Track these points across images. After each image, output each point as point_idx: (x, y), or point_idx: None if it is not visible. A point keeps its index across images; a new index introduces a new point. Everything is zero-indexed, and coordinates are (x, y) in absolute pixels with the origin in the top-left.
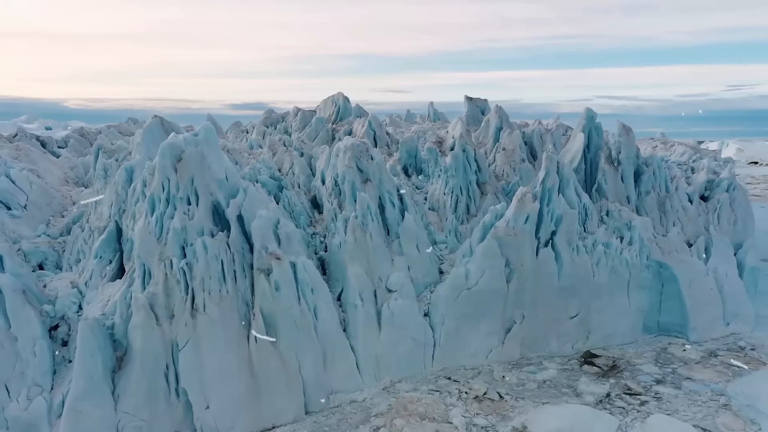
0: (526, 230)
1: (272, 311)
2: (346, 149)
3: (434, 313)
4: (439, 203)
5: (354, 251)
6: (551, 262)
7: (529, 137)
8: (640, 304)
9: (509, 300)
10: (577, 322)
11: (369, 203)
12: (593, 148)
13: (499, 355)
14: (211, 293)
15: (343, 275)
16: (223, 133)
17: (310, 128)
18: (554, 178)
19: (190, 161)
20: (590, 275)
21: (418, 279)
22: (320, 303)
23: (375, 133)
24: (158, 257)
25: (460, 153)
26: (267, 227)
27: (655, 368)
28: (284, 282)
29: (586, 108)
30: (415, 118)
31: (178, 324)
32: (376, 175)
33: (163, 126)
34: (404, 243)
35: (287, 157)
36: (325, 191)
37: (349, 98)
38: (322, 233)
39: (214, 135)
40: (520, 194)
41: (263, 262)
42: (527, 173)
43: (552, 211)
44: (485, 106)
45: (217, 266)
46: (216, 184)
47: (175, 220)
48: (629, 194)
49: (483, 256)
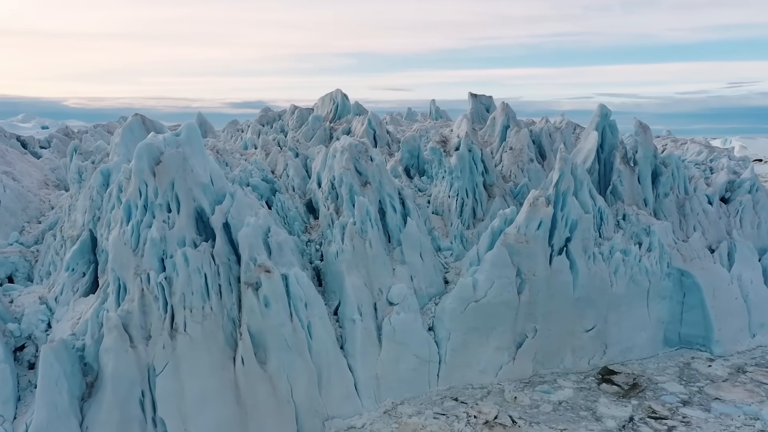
0: (539, 237)
1: (261, 330)
2: (344, 150)
3: (439, 327)
4: (443, 207)
5: (352, 261)
6: (566, 272)
7: (538, 136)
8: (660, 316)
9: (520, 312)
10: (593, 335)
11: (368, 208)
12: (607, 147)
13: (510, 373)
14: (193, 311)
15: (340, 287)
16: (214, 132)
17: (307, 127)
18: (569, 180)
19: (170, 164)
20: (607, 285)
21: (422, 290)
22: (315, 319)
23: (375, 132)
24: (134, 271)
25: (465, 153)
26: (256, 236)
27: (680, 387)
28: (274, 297)
29: (600, 104)
30: (416, 116)
31: (155, 346)
32: (376, 178)
33: (145, 125)
34: (406, 251)
35: (281, 158)
36: (321, 195)
37: (347, 95)
38: (318, 240)
39: (197, 135)
40: (532, 198)
41: (251, 275)
42: (536, 174)
43: (566, 216)
44: (490, 103)
45: (199, 280)
46: (199, 188)
47: (153, 229)
48: (646, 196)
49: (492, 265)
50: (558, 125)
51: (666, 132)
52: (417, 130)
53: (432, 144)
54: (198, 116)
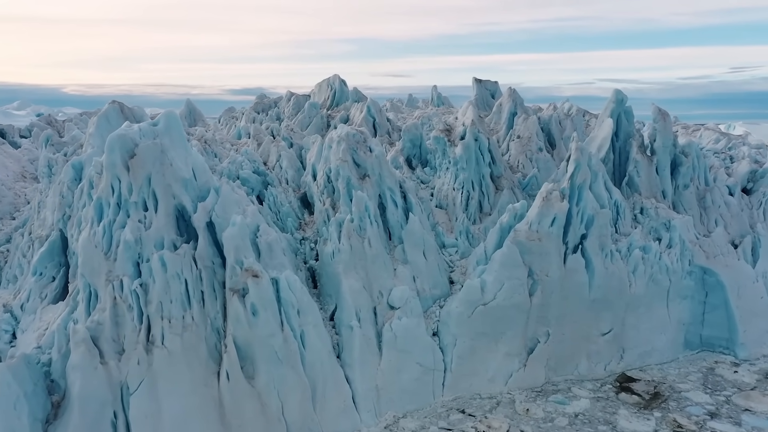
0: (552, 234)
1: (248, 341)
2: (340, 140)
3: (444, 332)
4: (447, 200)
5: (349, 261)
6: (581, 271)
7: (546, 123)
8: (681, 317)
9: (532, 316)
10: (610, 339)
11: (367, 203)
12: (623, 135)
13: (521, 381)
14: (172, 321)
15: (336, 290)
16: (204, 120)
17: (303, 114)
18: (585, 172)
19: (146, 157)
20: (626, 285)
21: (425, 291)
22: (308, 327)
23: (374, 120)
24: (106, 277)
25: (471, 142)
26: (242, 236)
27: (705, 396)
28: (263, 304)
29: (615, 90)
30: (417, 102)
31: (129, 361)
32: (376, 170)
33: (123, 113)
34: (409, 249)
35: (274, 148)
36: (316, 189)
37: (345, 81)
38: (313, 238)
39: (177, 124)
40: (544, 192)
41: (237, 280)
42: (545, 164)
43: (582, 211)
44: (495, 88)
45: (179, 287)
46: (180, 184)
47: (126, 230)
48: (665, 188)
49: (501, 265)
50: (568, 112)
51: (673, 118)
52: (419, 118)
53: (435, 133)
54: (186, 103)
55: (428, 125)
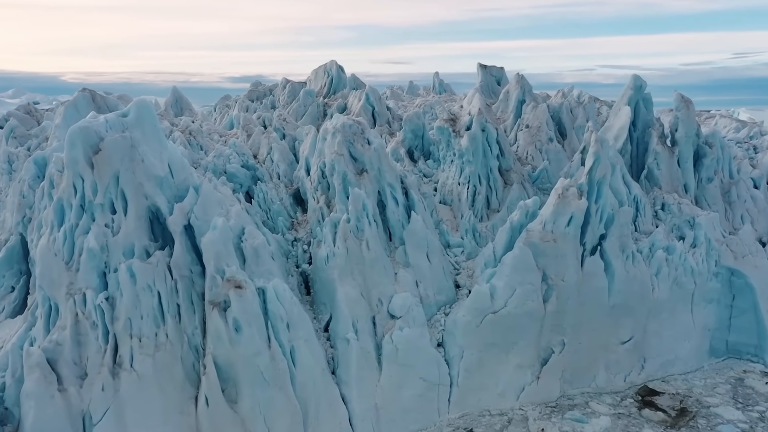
0: (569, 235)
1: (230, 361)
2: (336, 131)
3: (450, 343)
4: (452, 195)
5: (345, 266)
6: (600, 275)
7: (557, 112)
8: (706, 322)
9: (546, 324)
10: (630, 347)
11: (365, 201)
12: (641, 124)
13: (534, 395)
14: (142, 340)
15: (331, 298)
16: (192, 109)
17: (298, 103)
18: (605, 166)
19: (113, 152)
20: (648, 290)
21: (429, 298)
22: (299, 342)
23: (374, 109)
24: (67, 290)
25: (478, 133)
26: (224, 241)
27: (737, 412)
28: (247, 319)
29: (634, 75)
30: (418, 90)
31: (92, 387)
32: (374, 164)
33: (96, 102)
34: (411, 251)
35: (264, 140)
36: (309, 185)
37: (343, 67)
38: (306, 239)
39: (150, 115)
40: (560, 188)
41: (218, 292)
42: (556, 155)
43: (601, 209)
44: (501, 75)
45: (150, 300)
46: (153, 182)
47: (90, 236)
48: (687, 182)
49: (513, 269)
50: (579, 99)
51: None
52: (420, 106)
53: (439, 123)
54: (173, 91)
55: (431, 114)
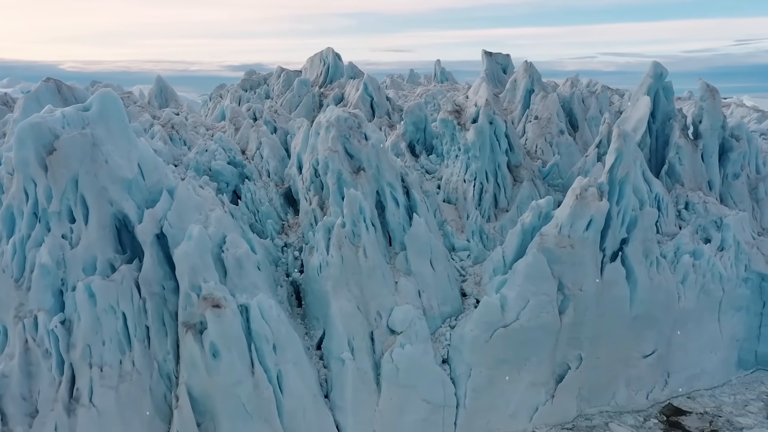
0: (588, 240)
1: (207, 391)
2: (330, 125)
3: (457, 360)
4: (457, 193)
5: (340, 277)
6: (621, 283)
7: (568, 102)
8: (735, 332)
9: (562, 338)
10: (653, 361)
11: (362, 203)
12: (661, 116)
13: (549, 415)
14: (104, 370)
15: (324, 313)
16: (177, 99)
17: (292, 93)
18: (628, 163)
19: (71, 152)
20: (674, 299)
21: (433, 309)
22: (287, 366)
23: (372, 99)
24: (15, 312)
25: (485, 126)
26: (201, 253)
27: None
28: (226, 342)
29: (654, 62)
30: (419, 78)
31: (43, 427)
32: (372, 162)
33: (61, 93)
34: (413, 257)
35: (254, 134)
36: (301, 184)
37: (340, 55)
38: (298, 245)
39: (116, 107)
40: (579, 188)
41: (193, 312)
42: (567, 149)
43: (624, 211)
44: (507, 62)
45: (114, 323)
46: (119, 186)
47: (44, 249)
48: (712, 178)
49: (526, 277)
50: (592, 88)
51: (687, 93)
52: (422, 95)
53: (443, 114)
54: (157, 80)
55: (433, 104)
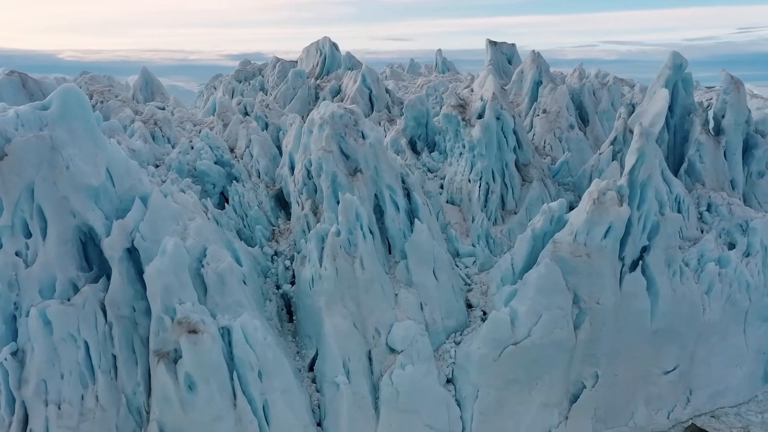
0: (606, 249)
1: (181, 428)
2: (324, 123)
3: (462, 380)
4: (461, 194)
5: (335, 292)
6: (641, 295)
7: (578, 94)
8: (761, 344)
9: (577, 355)
10: (675, 378)
11: (358, 209)
12: (679, 110)
13: None
14: (63, 407)
15: (317, 331)
16: (164, 92)
17: (286, 85)
18: (651, 165)
19: (25, 157)
20: (699, 311)
21: (437, 323)
22: (275, 395)
23: (371, 92)
24: None
25: (492, 122)
26: (177, 270)
27: None
28: (203, 373)
29: (673, 52)
30: (419, 68)
31: None
32: (370, 163)
33: (26, 88)
34: (414, 267)
35: (243, 130)
36: (293, 186)
37: (337, 45)
38: (289, 253)
39: (81, 105)
40: (596, 192)
41: (166, 338)
42: (578, 145)
43: (645, 216)
44: (512, 52)
45: (74, 354)
46: (84, 194)
47: None
48: (734, 177)
49: (538, 290)
50: (603, 80)
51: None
52: (422, 86)
53: (446, 109)
54: (142, 72)
55: (435, 96)
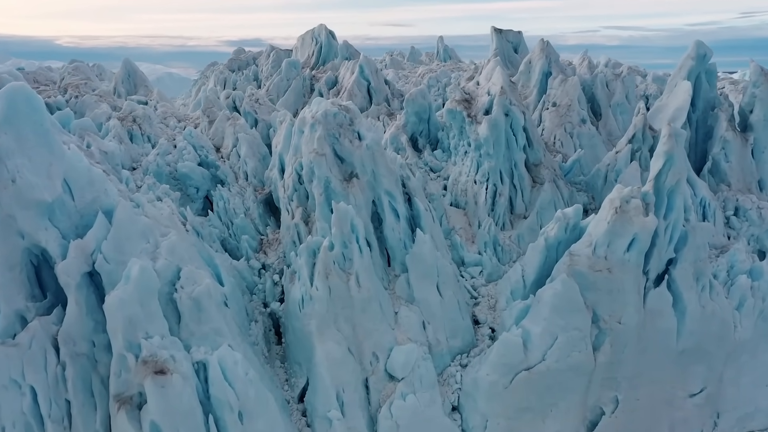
0: (630, 263)
1: None
2: (315, 122)
3: (470, 408)
4: (466, 196)
5: (327, 314)
6: (667, 313)
7: (590, 86)
8: None
9: (596, 379)
10: (701, 401)
11: (354, 220)
12: (702, 104)
13: None
14: None
15: (308, 358)
16: (147, 85)
17: (280, 76)
18: (679, 170)
19: None
20: (729, 329)
21: (441, 344)
22: None
23: (369, 84)
24: None
25: (500, 118)
26: (143, 298)
27: None
28: (172, 421)
29: (696, 42)
30: (420, 56)
31: None
32: (368, 167)
33: None
34: (416, 281)
35: (230, 128)
36: (283, 192)
37: (333, 33)
38: (278, 266)
39: (32, 106)
40: (618, 199)
41: (128, 380)
42: (590, 141)
43: (672, 226)
44: (519, 40)
45: (18, 402)
46: (35, 211)
47: None
48: (763, 176)
49: (553, 309)
50: (616, 70)
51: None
52: (424, 76)
53: (450, 104)
54: (124, 63)
55: (437, 88)
